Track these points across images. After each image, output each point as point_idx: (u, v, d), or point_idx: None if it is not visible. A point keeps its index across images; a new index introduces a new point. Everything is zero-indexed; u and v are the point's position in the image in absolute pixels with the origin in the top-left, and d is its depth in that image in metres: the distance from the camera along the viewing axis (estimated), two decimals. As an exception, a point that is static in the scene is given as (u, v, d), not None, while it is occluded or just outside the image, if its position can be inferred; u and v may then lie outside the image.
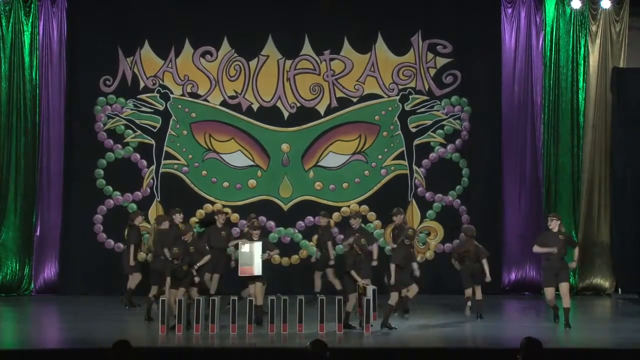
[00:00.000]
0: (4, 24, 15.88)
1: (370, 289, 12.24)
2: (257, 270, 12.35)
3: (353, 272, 12.18)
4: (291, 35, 16.22)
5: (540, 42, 16.34)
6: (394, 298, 12.31)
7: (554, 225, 12.59)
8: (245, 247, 12.45)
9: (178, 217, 14.04)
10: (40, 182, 15.92)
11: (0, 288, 15.73)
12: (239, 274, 12.57)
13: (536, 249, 12.73)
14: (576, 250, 13.12)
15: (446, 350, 11.00)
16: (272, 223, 15.97)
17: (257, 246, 12.43)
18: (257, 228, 13.09)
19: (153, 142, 16.07)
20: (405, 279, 12.53)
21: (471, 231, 13.36)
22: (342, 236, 15.16)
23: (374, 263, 13.57)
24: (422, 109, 16.28)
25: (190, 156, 16.12)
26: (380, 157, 16.26)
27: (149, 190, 16.03)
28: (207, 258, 12.84)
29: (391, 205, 15.19)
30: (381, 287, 12.84)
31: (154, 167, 16.05)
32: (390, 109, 16.26)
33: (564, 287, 12.41)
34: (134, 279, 14.19)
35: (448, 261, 14.00)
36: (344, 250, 14.04)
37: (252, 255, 12.33)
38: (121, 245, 15.71)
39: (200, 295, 12.26)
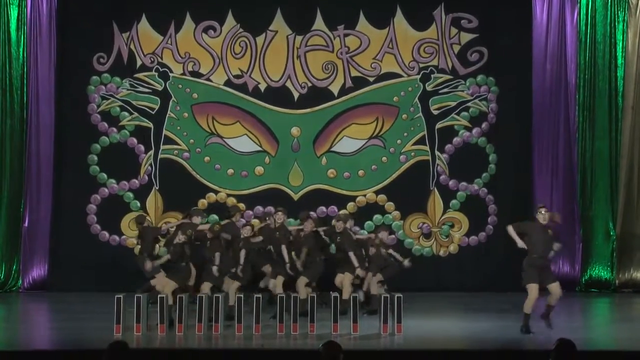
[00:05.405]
0: (-13, -4, 15.86)
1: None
2: None
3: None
4: (302, 9, 16.01)
5: (575, 16, 16.11)
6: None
7: (543, 217, 11.53)
8: None
9: (197, 220, 13.56)
10: (28, 169, 15.81)
11: (-14, 284, 15.76)
12: None
13: (510, 230, 11.48)
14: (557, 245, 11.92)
15: (466, 352, 10.66)
16: (280, 214, 15.88)
17: None
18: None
19: (151, 125, 15.88)
20: None
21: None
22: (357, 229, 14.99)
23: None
24: (445, 90, 16.04)
25: (191, 141, 15.93)
26: (399, 142, 15.97)
27: (146, 177, 15.90)
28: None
29: (411, 194, 15.53)
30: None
31: (152, 152, 15.89)
32: (410, 89, 16.03)
33: (556, 286, 11.47)
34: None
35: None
36: None
37: None
38: (117, 237, 15.67)
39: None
